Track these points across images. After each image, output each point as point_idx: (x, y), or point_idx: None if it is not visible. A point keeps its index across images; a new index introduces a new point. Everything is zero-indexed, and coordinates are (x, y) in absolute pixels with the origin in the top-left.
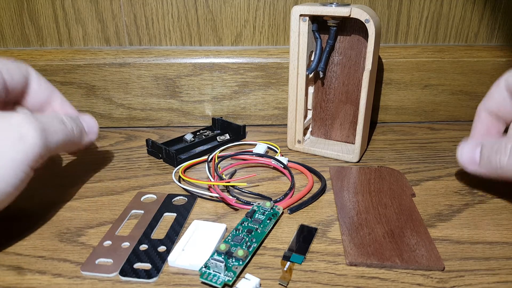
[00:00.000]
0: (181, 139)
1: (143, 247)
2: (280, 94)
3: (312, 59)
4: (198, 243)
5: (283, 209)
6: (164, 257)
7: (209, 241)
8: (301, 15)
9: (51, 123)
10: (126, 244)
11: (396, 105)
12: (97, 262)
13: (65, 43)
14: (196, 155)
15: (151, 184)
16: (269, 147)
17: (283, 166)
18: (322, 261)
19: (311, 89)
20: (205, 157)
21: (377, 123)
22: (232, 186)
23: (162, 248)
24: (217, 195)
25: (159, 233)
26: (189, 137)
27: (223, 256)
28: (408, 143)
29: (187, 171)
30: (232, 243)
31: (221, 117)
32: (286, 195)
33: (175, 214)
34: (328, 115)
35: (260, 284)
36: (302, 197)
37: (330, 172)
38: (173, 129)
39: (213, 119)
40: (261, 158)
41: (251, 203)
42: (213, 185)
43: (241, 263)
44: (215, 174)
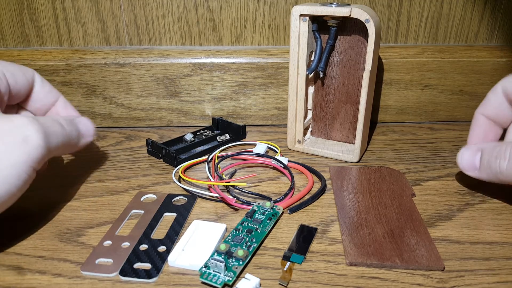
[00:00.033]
0: (181, 139)
1: (143, 247)
2: (280, 94)
3: (312, 59)
4: (198, 243)
5: (283, 209)
6: (164, 257)
7: (209, 241)
8: (301, 15)
9: (51, 125)
10: (126, 244)
11: (396, 105)
12: (97, 262)
13: (65, 43)
14: (196, 155)
15: (151, 184)
16: (269, 147)
17: (283, 166)
18: (322, 261)
19: (311, 89)
20: (205, 157)
21: (377, 123)
22: (232, 186)
23: (162, 248)
24: (217, 195)
25: (159, 233)
26: (189, 137)
27: (223, 256)
28: (408, 143)
29: (187, 171)
30: (232, 243)
31: (221, 117)
32: (286, 195)
33: (175, 214)
34: (328, 115)
35: (260, 284)
36: (302, 197)
37: (330, 172)
38: (173, 129)
39: (213, 119)
40: (261, 158)
41: (251, 203)
42: (213, 185)
43: (241, 263)
44: (215, 174)
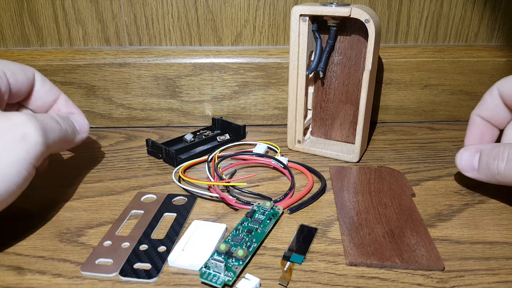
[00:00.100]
0: (181, 139)
1: (143, 247)
2: (280, 94)
3: (312, 59)
4: (198, 243)
5: (283, 209)
6: (164, 257)
7: (209, 241)
8: (301, 15)
9: (48, 122)
10: (126, 244)
11: (396, 105)
12: (97, 262)
13: (65, 43)
14: (196, 155)
15: (151, 184)
16: (269, 147)
17: (283, 166)
18: (322, 261)
19: (311, 89)
20: (205, 157)
21: (377, 123)
22: (232, 186)
23: (162, 248)
24: (217, 195)
25: (159, 233)
26: (189, 137)
27: (223, 256)
28: (408, 143)
29: (187, 171)
30: (232, 243)
31: (221, 117)
32: (286, 195)
33: (175, 214)
34: (328, 115)
35: (260, 284)
36: (302, 197)
37: (330, 172)
38: (173, 129)
39: (213, 119)
40: (261, 158)
41: (251, 203)
42: (213, 185)
43: (241, 263)
44: (215, 174)
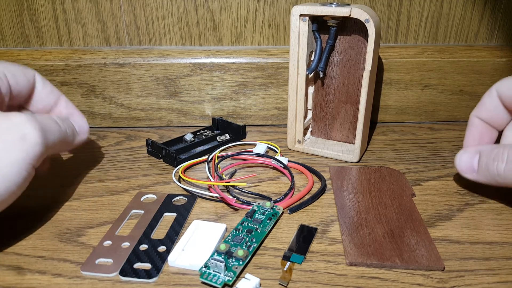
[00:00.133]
0: (181, 139)
1: (143, 247)
2: (280, 94)
3: (312, 59)
4: (198, 243)
5: (283, 209)
6: (164, 257)
7: (209, 241)
8: (301, 15)
9: (48, 123)
10: (126, 244)
11: (396, 105)
12: (97, 262)
13: (65, 43)
14: (196, 155)
15: (151, 184)
16: (269, 147)
17: (283, 166)
18: (322, 261)
19: (311, 89)
20: (205, 157)
21: (377, 123)
22: (232, 186)
23: (162, 248)
24: (217, 195)
25: (159, 233)
26: (189, 137)
27: (223, 256)
28: (408, 143)
29: (187, 171)
30: (232, 243)
31: (221, 117)
32: (286, 195)
33: (175, 214)
34: (328, 115)
35: (260, 284)
36: (302, 197)
37: (330, 172)
38: (173, 129)
39: (213, 119)
40: (261, 158)
41: (251, 203)
42: (213, 185)
43: (241, 263)
44: (215, 174)
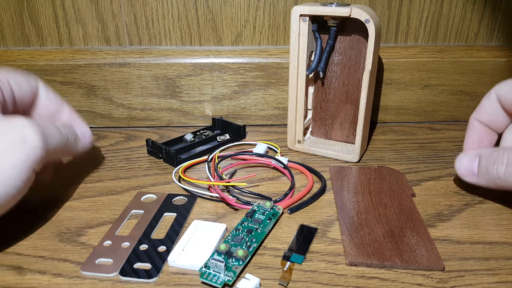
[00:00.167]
0: (181, 139)
1: (143, 247)
2: (280, 94)
3: (312, 59)
4: (198, 243)
5: (283, 209)
6: (164, 257)
7: (209, 241)
8: (301, 15)
9: (49, 128)
10: (126, 244)
11: (396, 105)
12: (97, 262)
13: (65, 43)
14: (196, 155)
15: (151, 184)
16: (269, 147)
17: (283, 166)
18: (322, 261)
19: (311, 89)
20: (205, 157)
21: (377, 123)
22: (232, 186)
23: (162, 248)
24: (217, 195)
25: (159, 233)
26: (189, 137)
27: (223, 256)
28: (408, 143)
29: (187, 171)
30: (232, 243)
31: (221, 117)
32: (286, 195)
33: (175, 214)
34: (328, 115)
35: (260, 284)
36: (302, 197)
37: (330, 172)
38: (173, 129)
39: (213, 119)
40: (261, 158)
41: (251, 203)
42: (213, 185)
43: (241, 263)
44: (215, 174)
